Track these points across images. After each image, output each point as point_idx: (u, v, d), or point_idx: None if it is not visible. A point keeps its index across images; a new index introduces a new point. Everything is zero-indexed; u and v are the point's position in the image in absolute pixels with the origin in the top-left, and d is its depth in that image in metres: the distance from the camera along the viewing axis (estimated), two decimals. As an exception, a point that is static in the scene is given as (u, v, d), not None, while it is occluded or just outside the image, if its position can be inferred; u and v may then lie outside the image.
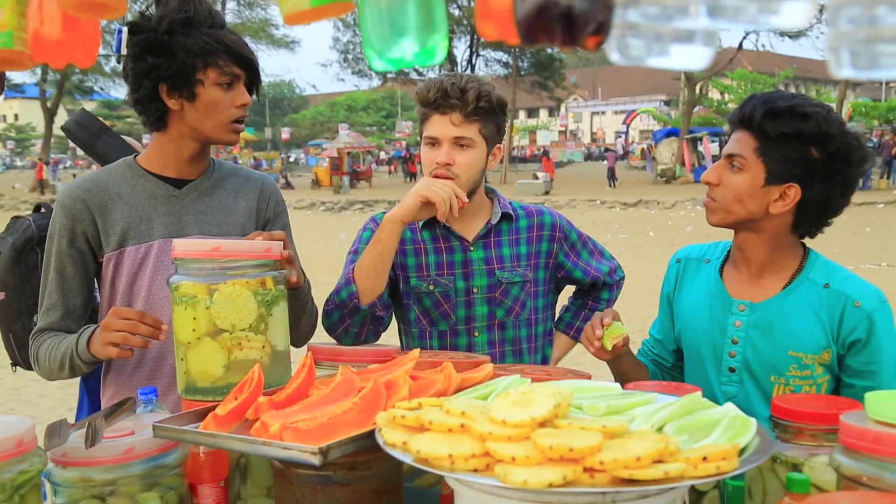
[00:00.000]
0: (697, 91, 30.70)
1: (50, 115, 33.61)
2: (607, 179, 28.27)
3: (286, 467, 1.17)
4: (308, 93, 73.48)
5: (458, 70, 11.62)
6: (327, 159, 32.26)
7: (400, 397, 1.15)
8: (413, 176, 34.55)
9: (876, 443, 0.95)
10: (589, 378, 1.37)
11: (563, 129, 62.88)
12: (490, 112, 1.88)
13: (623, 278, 2.18)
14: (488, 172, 1.98)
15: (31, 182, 31.97)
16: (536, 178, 26.61)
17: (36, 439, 1.17)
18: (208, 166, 1.86)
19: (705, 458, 0.88)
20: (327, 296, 1.86)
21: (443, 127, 1.85)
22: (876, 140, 30.14)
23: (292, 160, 49.03)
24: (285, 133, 47.74)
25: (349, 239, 2.16)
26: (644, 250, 12.53)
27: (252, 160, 39.76)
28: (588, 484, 0.86)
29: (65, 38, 0.99)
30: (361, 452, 1.09)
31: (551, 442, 0.87)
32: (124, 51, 1.69)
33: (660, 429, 1.01)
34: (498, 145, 1.96)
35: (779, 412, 1.18)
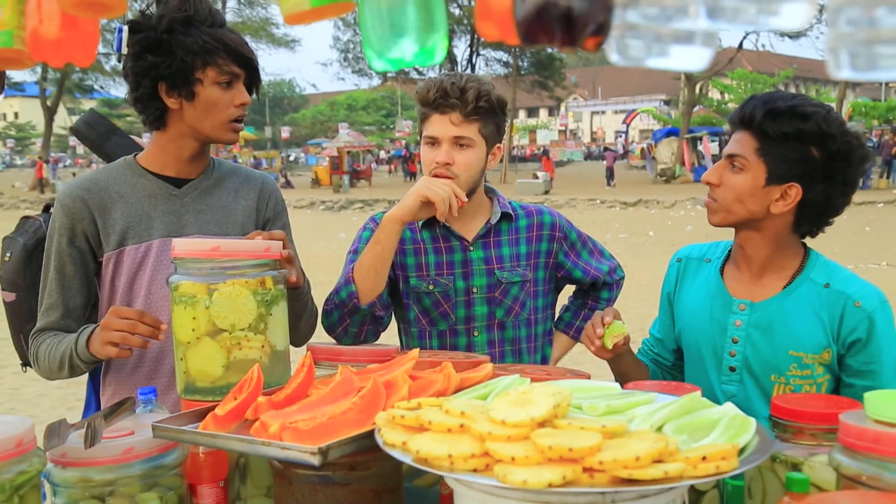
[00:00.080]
0: (697, 91, 30.68)
1: (50, 114, 33.58)
2: (606, 179, 28.31)
3: (286, 467, 1.17)
4: (308, 92, 73.69)
5: (458, 70, 11.65)
6: (327, 158, 32.20)
7: (399, 397, 1.15)
8: (413, 175, 34.52)
9: (875, 442, 0.95)
10: (588, 378, 1.37)
11: (563, 129, 62.79)
12: (490, 112, 1.88)
13: (623, 278, 2.18)
14: (488, 172, 1.98)
15: (31, 180, 31.92)
16: (536, 178, 26.57)
17: (35, 439, 1.17)
18: (208, 165, 1.86)
19: (705, 458, 0.88)
20: (327, 295, 1.86)
21: (442, 126, 1.85)
22: (876, 140, 30.13)
23: (292, 159, 48.95)
24: (285, 132, 47.69)
25: (349, 238, 2.16)
26: (644, 250, 12.53)
27: (252, 159, 39.74)
28: (587, 484, 0.86)
29: (63, 37, 0.99)
30: (361, 452, 1.09)
31: (551, 442, 0.87)
32: (125, 49, 1.68)
33: (659, 428, 1.01)
34: (498, 145, 1.96)
35: (778, 412, 1.18)
